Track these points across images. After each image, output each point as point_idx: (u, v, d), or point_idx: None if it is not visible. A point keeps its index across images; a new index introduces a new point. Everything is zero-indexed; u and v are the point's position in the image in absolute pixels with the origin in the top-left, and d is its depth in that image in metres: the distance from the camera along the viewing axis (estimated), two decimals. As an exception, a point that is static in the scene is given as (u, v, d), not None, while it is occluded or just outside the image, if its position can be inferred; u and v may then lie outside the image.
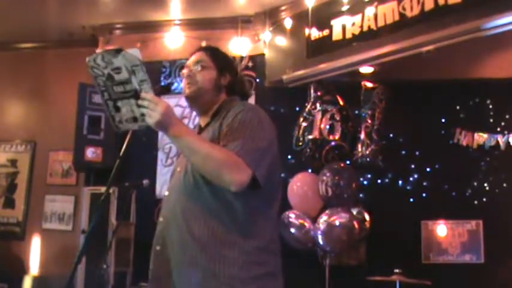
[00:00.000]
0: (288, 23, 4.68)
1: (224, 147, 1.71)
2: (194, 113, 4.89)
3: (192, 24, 5.20)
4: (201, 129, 1.95)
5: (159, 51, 5.19)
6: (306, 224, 4.20)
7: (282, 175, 4.43)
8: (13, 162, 5.76)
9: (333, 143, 4.29)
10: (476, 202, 4.47)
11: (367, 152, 4.26)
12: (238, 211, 1.74)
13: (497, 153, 4.48)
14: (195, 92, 1.92)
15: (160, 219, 1.89)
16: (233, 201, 1.73)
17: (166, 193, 1.94)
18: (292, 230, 4.19)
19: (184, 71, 1.97)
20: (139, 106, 1.62)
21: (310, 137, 4.33)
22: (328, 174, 4.20)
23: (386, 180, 4.62)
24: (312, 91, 4.47)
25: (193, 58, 1.99)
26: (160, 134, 5.09)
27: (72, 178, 5.49)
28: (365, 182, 4.61)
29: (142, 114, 1.62)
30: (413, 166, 4.60)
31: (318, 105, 4.40)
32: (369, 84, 4.39)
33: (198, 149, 1.67)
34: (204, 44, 4.77)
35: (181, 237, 1.77)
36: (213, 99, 1.94)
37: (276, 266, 1.82)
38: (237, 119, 1.77)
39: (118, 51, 1.57)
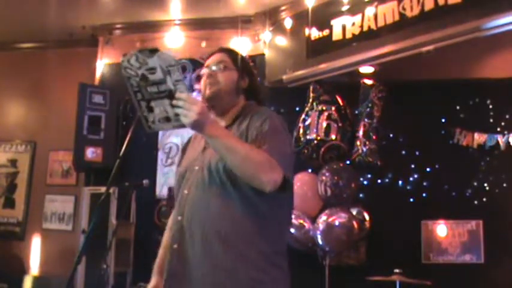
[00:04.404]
0: (288, 23, 4.68)
1: None
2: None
3: (192, 24, 5.20)
4: None
5: (159, 51, 5.19)
6: (305, 224, 4.21)
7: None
8: (13, 162, 5.77)
9: (331, 143, 4.29)
10: (476, 202, 4.46)
11: (365, 151, 4.26)
12: (262, 213, 1.77)
13: (497, 153, 4.47)
14: (216, 92, 1.90)
15: (179, 217, 1.85)
16: (259, 203, 1.75)
17: (185, 191, 1.87)
18: (292, 230, 4.19)
19: (205, 71, 1.95)
20: (173, 106, 1.60)
21: (309, 137, 4.33)
22: (327, 174, 4.21)
23: (386, 180, 4.61)
24: (311, 91, 4.47)
25: (213, 58, 1.97)
26: (160, 133, 5.10)
27: (72, 178, 5.49)
28: (365, 182, 4.60)
29: (177, 114, 1.60)
30: (413, 166, 4.59)
31: (316, 105, 4.40)
32: (368, 82, 4.39)
33: (237, 149, 1.68)
34: (204, 44, 4.84)
35: (205, 236, 1.76)
36: (232, 101, 1.94)
37: (287, 268, 1.86)
38: (266, 124, 1.80)
39: (153, 52, 1.55)
